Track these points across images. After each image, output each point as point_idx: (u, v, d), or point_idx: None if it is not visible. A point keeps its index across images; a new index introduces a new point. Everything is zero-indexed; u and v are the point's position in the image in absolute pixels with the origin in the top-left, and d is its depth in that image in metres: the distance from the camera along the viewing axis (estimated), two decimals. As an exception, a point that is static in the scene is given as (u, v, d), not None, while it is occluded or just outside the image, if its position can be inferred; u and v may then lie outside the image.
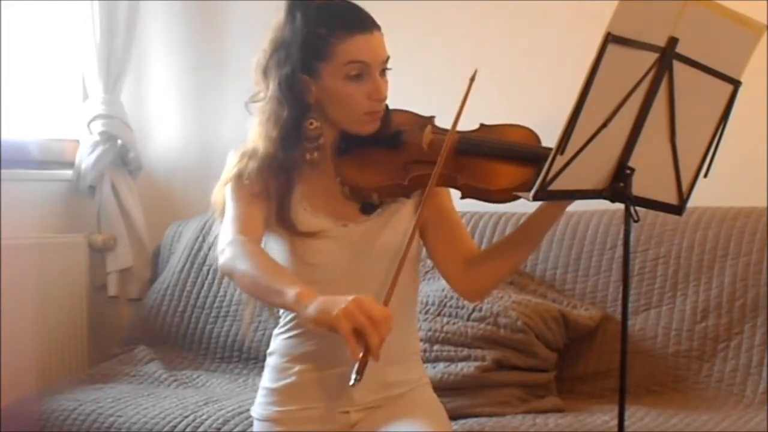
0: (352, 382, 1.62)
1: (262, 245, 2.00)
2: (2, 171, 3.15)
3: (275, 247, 1.98)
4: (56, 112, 3.60)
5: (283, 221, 1.95)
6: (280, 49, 1.94)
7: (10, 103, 3.30)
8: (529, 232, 1.97)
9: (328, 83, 1.92)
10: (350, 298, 1.64)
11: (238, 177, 1.95)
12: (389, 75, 1.96)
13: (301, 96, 1.93)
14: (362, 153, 1.95)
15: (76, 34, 3.50)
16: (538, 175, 1.72)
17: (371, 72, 1.91)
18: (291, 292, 1.70)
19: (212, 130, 3.63)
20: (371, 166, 1.93)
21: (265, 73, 1.96)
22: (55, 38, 3.55)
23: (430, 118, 2.02)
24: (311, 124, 1.94)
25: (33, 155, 3.45)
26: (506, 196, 1.89)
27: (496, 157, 1.93)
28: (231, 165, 1.98)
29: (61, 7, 3.52)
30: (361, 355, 1.61)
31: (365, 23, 1.92)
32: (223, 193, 1.98)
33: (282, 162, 1.94)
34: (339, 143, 1.97)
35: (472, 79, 1.84)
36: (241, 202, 1.93)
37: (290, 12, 1.94)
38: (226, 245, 1.85)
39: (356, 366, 1.61)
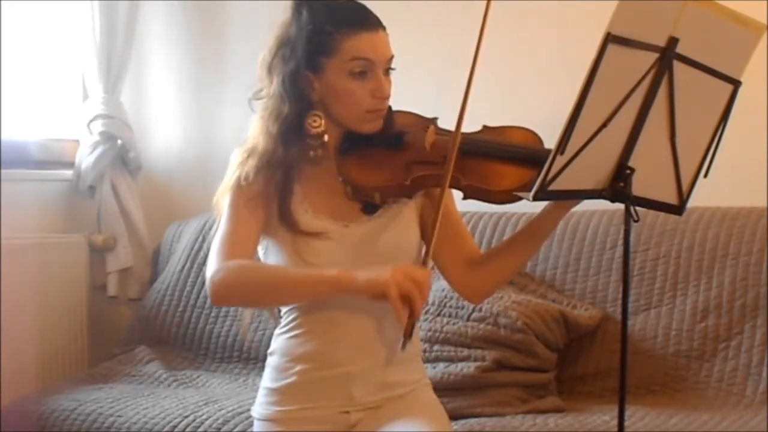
0: (402, 345, 1.78)
1: (262, 251, 2.01)
2: (2, 171, 3.15)
3: (276, 248, 1.98)
4: (56, 112, 3.60)
5: (284, 220, 1.95)
6: (285, 45, 1.94)
7: (10, 103, 3.30)
8: (532, 234, 1.98)
9: (331, 79, 1.92)
10: (391, 266, 1.77)
11: (237, 184, 1.95)
12: (392, 75, 1.96)
13: (304, 92, 1.94)
14: (365, 153, 1.96)
15: (76, 34, 3.50)
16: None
17: (375, 70, 1.92)
18: (329, 275, 1.80)
19: (212, 130, 3.63)
20: (374, 166, 1.93)
21: (270, 69, 1.96)
22: (55, 38, 3.55)
23: (433, 120, 2.03)
24: (314, 120, 1.94)
25: (33, 155, 3.45)
26: (508, 197, 1.90)
27: (499, 159, 1.93)
28: (234, 165, 1.98)
29: (61, 7, 3.52)
30: (407, 318, 1.76)
31: (371, 22, 1.92)
32: (224, 201, 1.98)
33: (281, 158, 1.94)
34: (342, 143, 1.97)
35: (488, 4, 1.83)
36: (234, 218, 1.93)
37: (297, 10, 1.95)
38: (214, 272, 1.87)
39: (404, 329, 1.77)
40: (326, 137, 1.95)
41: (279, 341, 2.03)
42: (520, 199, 1.88)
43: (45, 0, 3.48)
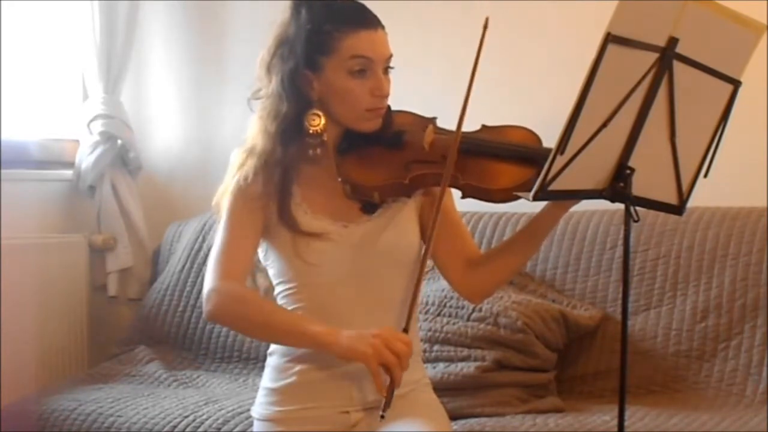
0: (381, 414, 1.76)
1: (262, 253, 2.01)
2: (2, 171, 3.15)
3: (276, 250, 1.98)
4: (56, 112, 3.60)
5: (283, 220, 1.95)
6: (284, 45, 1.95)
7: (10, 103, 3.30)
8: (532, 233, 1.98)
9: (330, 78, 1.92)
10: (374, 332, 1.78)
11: (237, 187, 1.95)
12: (391, 74, 1.96)
13: (303, 91, 1.94)
14: (364, 152, 1.96)
15: (76, 34, 3.50)
16: (538, 175, 1.72)
17: (374, 68, 1.92)
18: (313, 331, 1.82)
19: (212, 130, 3.63)
20: (372, 165, 1.94)
21: (269, 69, 1.97)
22: (55, 38, 3.55)
23: (432, 119, 2.03)
24: (313, 119, 1.94)
25: (33, 155, 3.45)
26: (507, 195, 1.90)
27: (498, 157, 1.94)
28: (234, 166, 1.98)
29: (61, 7, 3.52)
30: (387, 385, 1.76)
31: (370, 20, 1.93)
32: (224, 203, 1.98)
33: (280, 158, 1.94)
34: (341, 142, 1.97)
35: (485, 27, 1.84)
36: (233, 225, 1.94)
37: (295, 9, 1.95)
38: (209, 291, 1.90)
39: (384, 400, 1.76)
40: (325, 136, 1.95)
41: (279, 341, 2.03)
42: (518, 198, 1.88)
43: (45, 0, 3.48)
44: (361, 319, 1.95)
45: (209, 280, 1.91)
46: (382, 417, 1.76)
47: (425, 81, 3.13)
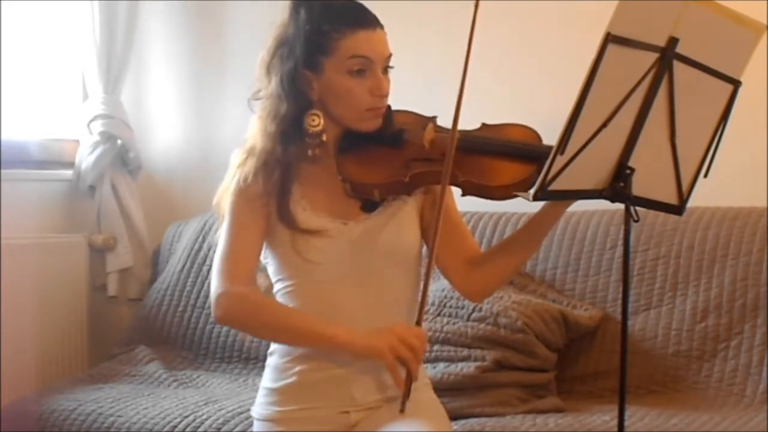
0: (401, 407, 1.83)
1: (262, 251, 2.01)
2: (2, 171, 3.15)
3: (275, 248, 1.98)
4: (56, 112, 3.60)
5: (282, 218, 1.95)
6: (283, 45, 1.95)
7: (10, 103, 3.30)
8: (532, 232, 1.98)
9: (330, 78, 1.92)
10: (388, 328, 1.85)
11: (238, 188, 1.95)
12: (391, 74, 1.97)
13: (303, 92, 1.94)
14: (364, 151, 1.96)
15: (76, 34, 3.50)
16: (538, 173, 1.72)
17: (374, 68, 1.92)
18: (329, 333, 1.87)
19: (212, 130, 3.63)
20: (373, 164, 1.94)
21: (268, 69, 1.97)
22: (55, 38, 3.55)
23: (432, 118, 2.03)
24: (313, 120, 1.95)
25: (33, 155, 3.45)
26: (506, 193, 1.90)
27: (497, 155, 1.94)
28: (234, 166, 1.98)
29: (61, 7, 3.52)
30: (404, 379, 1.83)
31: (369, 20, 1.93)
32: (225, 204, 1.99)
33: (280, 157, 1.94)
34: (341, 141, 1.97)
35: (476, 7, 1.86)
36: (236, 227, 1.94)
37: (294, 9, 1.95)
38: (219, 295, 1.90)
39: (402, 391, 1.83)
40: (324, 136, 1.95)
41: (279, 341, 2.03)
42: (518, 196, 1.88)
43: (45, 0, 3.48)
44: (360, 317, 1.95)
45: (216, 283, 1.91)
46: (402, 411, 1.83)
47: (424, 80, 3.12)
